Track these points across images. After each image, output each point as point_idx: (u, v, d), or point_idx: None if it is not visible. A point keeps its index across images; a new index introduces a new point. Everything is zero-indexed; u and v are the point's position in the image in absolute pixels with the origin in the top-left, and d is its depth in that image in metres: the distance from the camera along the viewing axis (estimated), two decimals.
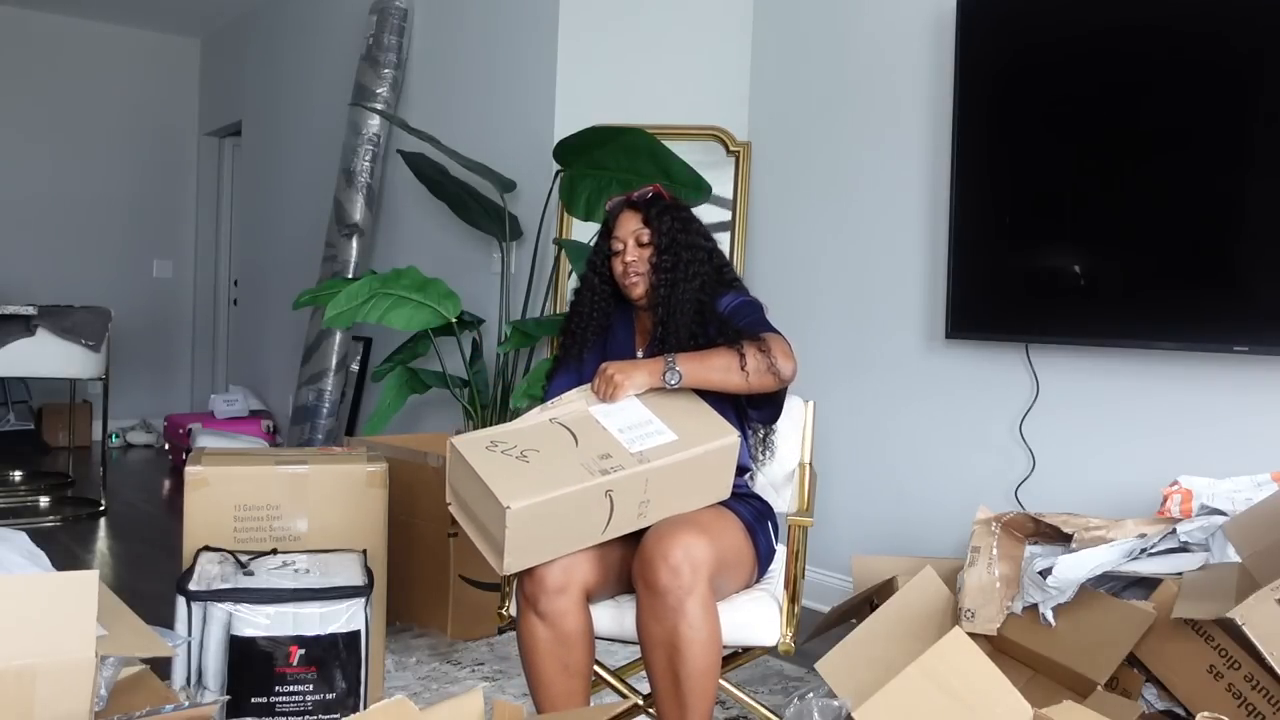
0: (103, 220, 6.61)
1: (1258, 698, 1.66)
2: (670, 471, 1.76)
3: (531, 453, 1.75)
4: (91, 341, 4.22)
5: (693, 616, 1.68)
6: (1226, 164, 2.43)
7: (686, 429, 1.81)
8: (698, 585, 1.69)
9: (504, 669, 2.70)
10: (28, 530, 1.99)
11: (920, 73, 3.15)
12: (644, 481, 1.74)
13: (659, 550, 1.69)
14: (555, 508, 1.68)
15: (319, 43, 5.44)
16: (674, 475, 1.77)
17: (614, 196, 2.12)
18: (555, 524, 1.70)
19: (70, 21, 6.44)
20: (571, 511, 1.70)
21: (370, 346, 4.86)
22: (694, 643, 1.69)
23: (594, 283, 2.09)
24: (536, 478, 1.69)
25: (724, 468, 1.84)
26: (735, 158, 3.63)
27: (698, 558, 1.69)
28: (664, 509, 1.79)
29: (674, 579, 1.67)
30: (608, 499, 1.71)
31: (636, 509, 1.76)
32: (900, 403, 3.19)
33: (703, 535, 1.72)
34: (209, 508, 2.24)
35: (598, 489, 1.70)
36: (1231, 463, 2.30)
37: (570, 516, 1.71)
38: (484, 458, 1.74)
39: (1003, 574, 1.99)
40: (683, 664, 1.69)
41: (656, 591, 1.69)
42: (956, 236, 2.91)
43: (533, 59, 3.74)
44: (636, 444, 1.77)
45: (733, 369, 1.84)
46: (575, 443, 1.77)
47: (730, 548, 1.84)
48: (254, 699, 1.94)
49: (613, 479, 1.71)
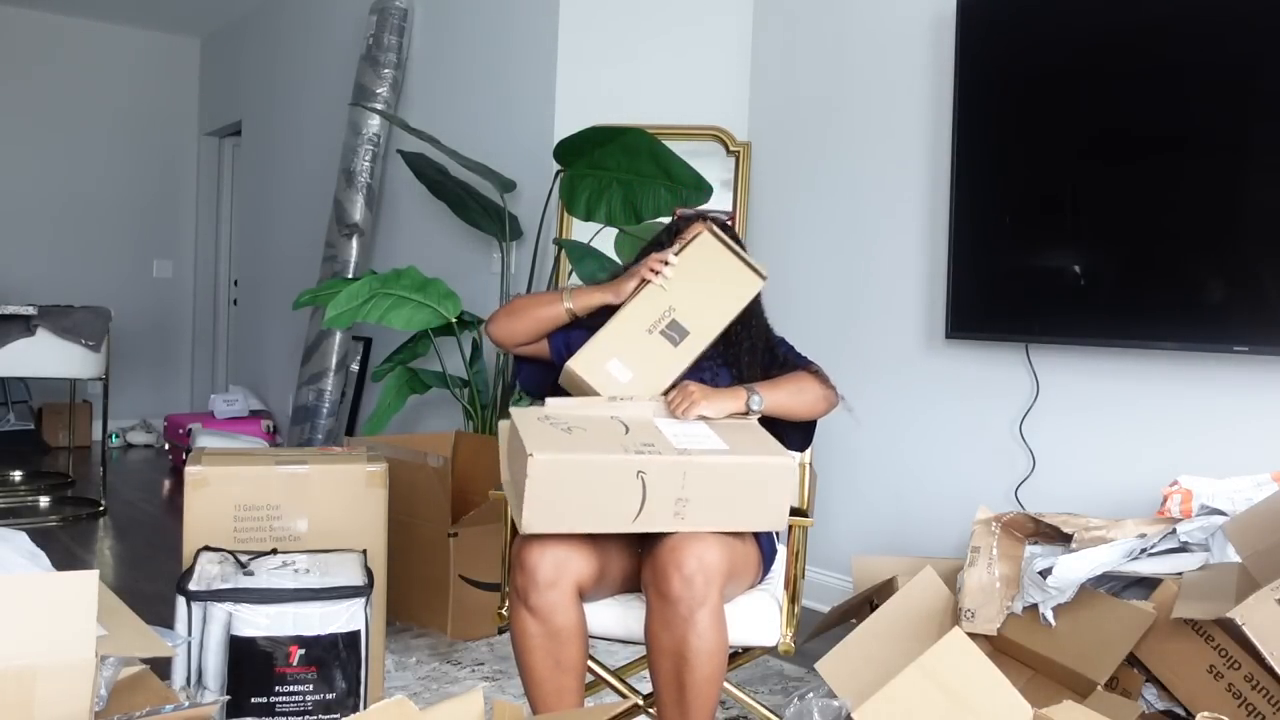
0: (103, 220, 6.61)
1: (1258, 698, 1.66)
2: (711, 472, 1.72)
3: (579, 430, 1.78)
4: (91, 341, 4.22)
5: (702, 627, 1.68)
6: (1227, 164, 2.43)
7: (740, 444, 1.80)
8: (710, 596, 1.68)
9: (504, 669, 2.70)
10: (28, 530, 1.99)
11: (920, 73, 3.15)
12: (681, 473, 1.70)
13: (673, 559, 1.69)
14: (582, 474, 1.68)
15: (319, 43, 5.44)
16: (715, 478, 1.73)
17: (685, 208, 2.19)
18: (581, 492, 1.69)
19: (70, 21, 6.44)
20: (600, 484, 1.69)
21: (370, 346, 4.86)
22: (701, 652, 1.69)
23: None
24: (571, 443, 1.72)
25: (774, 490, 1.76)
26: (735, 158, 3.63)
27: (711, 567, 1.68)
28: (704, 516, 1.73)
29: (687, 589, 1.67)
30: (640, 481, 1.69)
31: (673, 505, 1.71)
32: (900, 403, 3.19)
33: (715, 543, 1.71)
34: (209, 508, 2.24)
35: (629, 466, 1.68)
36: (1231, 463, 2.30)
37: (598, 490, 1.69)
38: (532, 424, 1.77)
39: (1003, 574, 1.99)
40: (689, 672, 1.69)
41: (669, 600, 1.69)
42: (956, 236, 2.91)
43: (533, 59, 3.74)
44: (684, 442, 1.77)
45: (804, 394, 1.98)
46: (625, 431, 1.79)
47: (739, 554, 1.84)
48: (254, 699, 1.94)
49: (646, 459, 1.70)
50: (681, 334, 1.93)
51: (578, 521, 1.72)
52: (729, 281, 1.99)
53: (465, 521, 2.91)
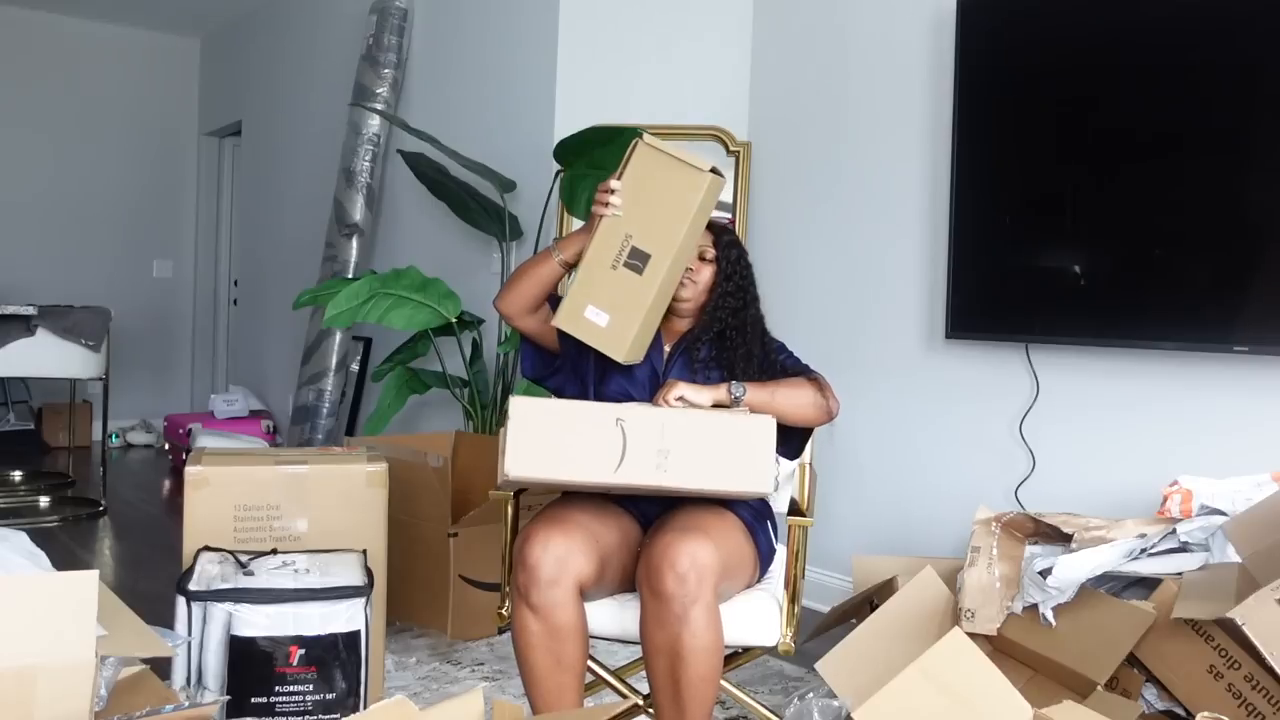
0: (103, 220, 6.60)
1: (1258, 698, 1.66)
2: (690, 424, 1.75)
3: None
4: (91, 341, 4.22)
5: (696, 624, 1.68)
6: (1227, 163, 2.43)
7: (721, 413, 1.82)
8: (703, 593, 1.68)
9: (504, 669, 2.70)
10: (28, 530, 1.98)
11: (920, 73, 3.15)
12: (660, 424, 1.73)
13: (665, 557, 1.69)
14: (560, 417, 1.73)
15: (319, 43, 5.43)
16: (695, 431, 1.74)
17: None
18: (561, 436, 1.72)
19: (70, 21, 6.44)
20: (579, 429, 1.72)
21: (370, 346, 4.86)
22: (696, 650, 1.69)
23: None
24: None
25: (757, 446, 1.76)
26: (735, 158, 3.63)
27: (704, 565, 1.68)
28: (687, 471, 1.73)
29: (680, 586, 1.67)
30: (619, 429, 1.71)
31: (654, 457, 1.71)
32: (900, 403, 3.19)
33: (708, 541, 1.72)
34: (209, 508, 2.24)
35: (607, 413, 1.73)
36: (1231, 463, 2.30)
37: (578, 435, 1.72)
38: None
39: (1003, 574, 1.99)
40: (684, 671, 1.69)
41: (662, 598, 1.69)
42: (956, 236, 2.91)
43: (533, 59, 3.74)
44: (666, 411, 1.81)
45: (796, 399, 1.94)
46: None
47: (734, 552, 1.84)
48: (254, 699, 1.94)
49: (624, 408, 1.75)
50: (644, 259, 1.84)
51: (560, 469, 1.73)
52: (677, 188, 1.86)
53: (465, 521, 2.91)
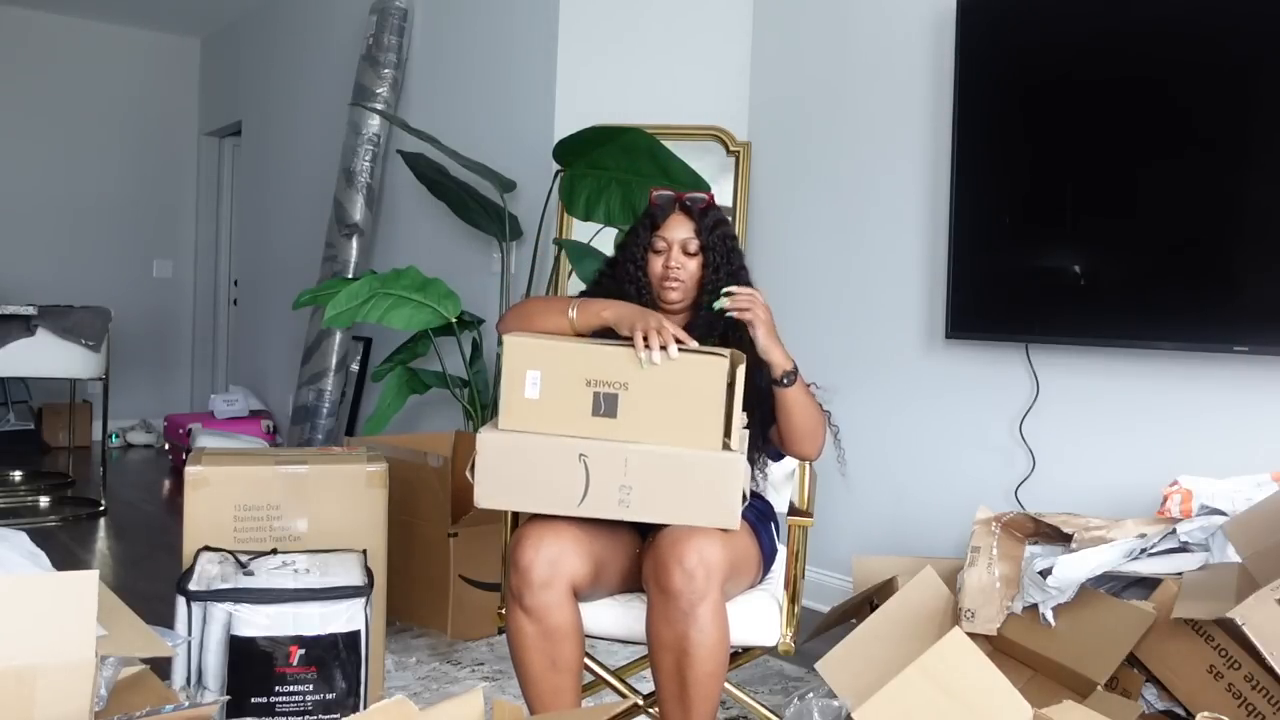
0: (103, 220, 6.60)
1: (1258, 698, 1.66)
2: (655, 461, 1.70)
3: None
4: (91, 341, 4.22)
5: (703, 621, 1.68)
6: (1227, 164, 2.43)
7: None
8: (711, 590, 1.68)
9: (504, 669, 2.70)
10: (28, 530, 1.99)
11: (920, 73, 3.15)
12: (623, 460, 1.70)
13: (673, 554, 1.68)
14: (524, 454, 1.72)
15: (319, 43, 5.43)
16: (660, 468, 1.70)
17: (660, 189, 2.02)
18: (526, 471, 1.72)
19: (70, 21, 6.44)
20: (542, 464, 1.72)
21: (370, 346, 4.86)
22: (703, 647, 1.68)
23: (630, 271, 2.00)
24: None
25: (722, 487, 1.71)
26: (735, 158, 3.63)
27: (712, 562, 1.68)
28: (650, 506, 1.71)
29: (688, 583, 1.67)
30: (582, 465, 1.71)
31: (617, 493, 1.70)
32: (900, 403, 3.19)
33: (716, 538, 1.71)
34: (209, 508, 2.24)
35: (570, 449, 1.71)
36: (1231, 463, 2.30)
37: (541, 470, 1.72)
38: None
39: (1003, 574, 1.99)
40: (690, 668, 1.69)
41: (669, 595, 1.69)
42: (956, 236, 2.91)
43: (533, 59, 3.74)
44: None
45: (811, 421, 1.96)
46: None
47: (741, 550, 1.84)
48: (254, 699, 1.94)
49: (588, 444, 1.71)
50: (611, 410, 1.71)
51: (527, 500, 1.76)
52: (689, 416, 1.71)
53: (465, 521, 2.91)
